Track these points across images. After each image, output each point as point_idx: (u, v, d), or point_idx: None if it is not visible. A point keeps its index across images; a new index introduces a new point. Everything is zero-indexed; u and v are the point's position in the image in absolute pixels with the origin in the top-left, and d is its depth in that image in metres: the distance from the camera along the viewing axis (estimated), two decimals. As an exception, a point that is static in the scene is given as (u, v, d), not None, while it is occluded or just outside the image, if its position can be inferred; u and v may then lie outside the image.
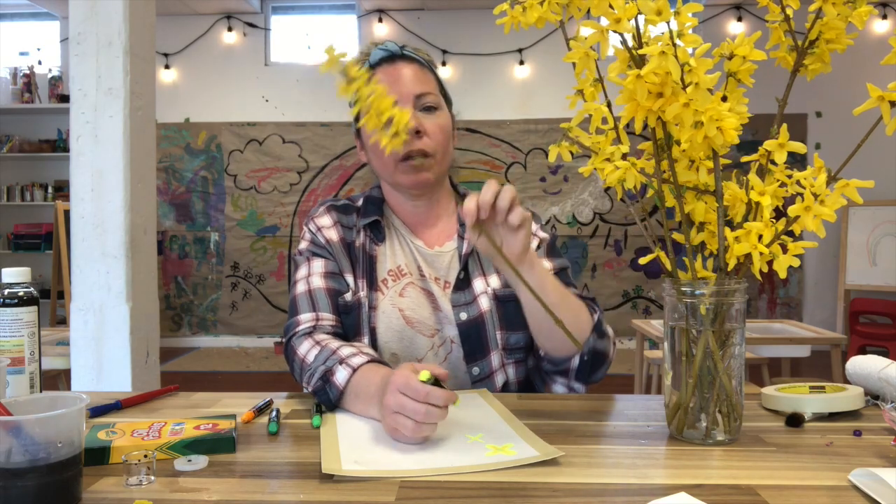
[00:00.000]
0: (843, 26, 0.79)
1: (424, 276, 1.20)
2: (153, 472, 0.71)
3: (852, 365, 1.07)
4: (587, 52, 0.82)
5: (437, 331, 1.17)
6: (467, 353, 1.16)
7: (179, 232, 6.11)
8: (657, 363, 3.33)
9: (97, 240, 2.39)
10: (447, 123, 1.20)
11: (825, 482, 0.70)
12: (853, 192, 0.77)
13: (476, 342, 1.16)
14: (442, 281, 1.20)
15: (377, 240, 1.22)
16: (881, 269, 5.25)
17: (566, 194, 5.96)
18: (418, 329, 1.17)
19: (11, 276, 0.95)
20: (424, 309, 1.18)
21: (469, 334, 1.16)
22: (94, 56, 2.39)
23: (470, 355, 1.16)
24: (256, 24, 6.09)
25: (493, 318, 1.17)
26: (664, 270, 0.87)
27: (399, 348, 1.16)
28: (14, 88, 5.91)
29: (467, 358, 1.16)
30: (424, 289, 1.19)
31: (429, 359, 1.16)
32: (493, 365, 1.16)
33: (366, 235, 1.22)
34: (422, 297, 1.19)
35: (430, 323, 1.17)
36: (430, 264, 1.21)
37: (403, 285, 1.19)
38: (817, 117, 5.80)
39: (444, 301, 1.18)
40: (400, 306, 1.17)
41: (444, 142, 1.18)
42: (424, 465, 0.74)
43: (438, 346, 1.17)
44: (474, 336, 1.16)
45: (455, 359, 1.17)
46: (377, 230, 1.22)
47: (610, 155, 0.83)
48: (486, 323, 1.17)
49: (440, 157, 1.18)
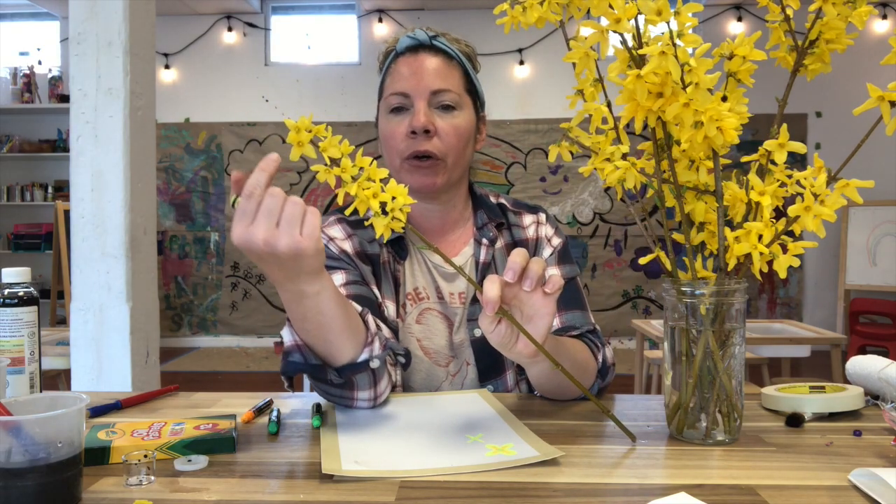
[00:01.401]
0: (843, 26, 0.79)
1: (442, 297, 1.15)
2: (153, 472, 0.71)
3: (852, 365, 1.07)
4: (587, 52, 0.82)
5: (453, 358, 1.13)
6: (482, 371, 1.12)
7: (179, 232, 6.11)
8: (657, 363, 3.33)
9: (97, 240, 2.39)
10: (465, 125, 1.11)
11: (825, 482, 0.70)
12: (853, 192, 0.77)
13: (490, 359, 1.12)
14: (456, 294, 1.15)
15: (400, 258, 1.14)
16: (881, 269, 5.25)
17: (566, 194, 5.96)
18: (434, 360, 1.13)
19: (11, 276, 0.95)
20: (440, 337, 1.13)
21: (484, 351, 1.11)
22: (94, 56, 2.39)
23: (484, 373, 1.12)
24: (256, 24, 6.09)
25: None
26: (664, 270, 0.87)
27: (416, 380, 1.12)
28: (14, 88, 5.91)
29: (482, 376, 1.12)
30: (442, 313, 1.14)
31: (445, 388, 1.13)
32: (508, 383, 1.13)
33: (388, 253, 1.13)
34: (438, 323, 1.14)
35: (445, 352, 1.13)
36: (450, 280, 1.16)
37: (420, 311, 1.14)
38: (817, 117, 5.80)
39: (460, 317, 1.14)
40: (417, 336, 1.13)
41: (457, 145, 1.10)
42: (424, 465, 0.74)
43: (454, 374, 1.14)
44: (489, 353, 1.11)
45: (471, 381, 1.13)
46: (399, 247, 1.14)
47: (610, 155, 0.83)
48: None
49: (452, 162, 1.10)
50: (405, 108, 1.09)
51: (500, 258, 1.17)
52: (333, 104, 5.98)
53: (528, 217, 1.22)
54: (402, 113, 1.10)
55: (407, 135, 1.08)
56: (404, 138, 1.09)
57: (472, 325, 1.12)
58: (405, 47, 1.11)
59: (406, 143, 1.08)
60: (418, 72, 1.08)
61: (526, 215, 1.22)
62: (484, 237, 1.17)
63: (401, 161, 1.10)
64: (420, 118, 1.07)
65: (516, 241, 1.19)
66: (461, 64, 1.13)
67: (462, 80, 1.12)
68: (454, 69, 1.11)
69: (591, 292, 5.89)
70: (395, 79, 1.10)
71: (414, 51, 1.10)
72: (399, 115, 1.10)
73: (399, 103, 1.09)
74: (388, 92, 1.11)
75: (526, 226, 1.21)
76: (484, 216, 1.19)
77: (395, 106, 1.10)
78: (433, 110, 1.09)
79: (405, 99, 1.09)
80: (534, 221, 1.22)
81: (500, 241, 1.18)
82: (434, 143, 1.08)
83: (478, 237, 1.17)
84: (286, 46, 6.20)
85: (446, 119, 1.09)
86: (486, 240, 1.16)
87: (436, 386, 1.13)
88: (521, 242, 1.19)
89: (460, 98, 1.11)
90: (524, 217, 1.22)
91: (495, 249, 1.17)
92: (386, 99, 1.11)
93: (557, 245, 1.19)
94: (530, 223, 1.21)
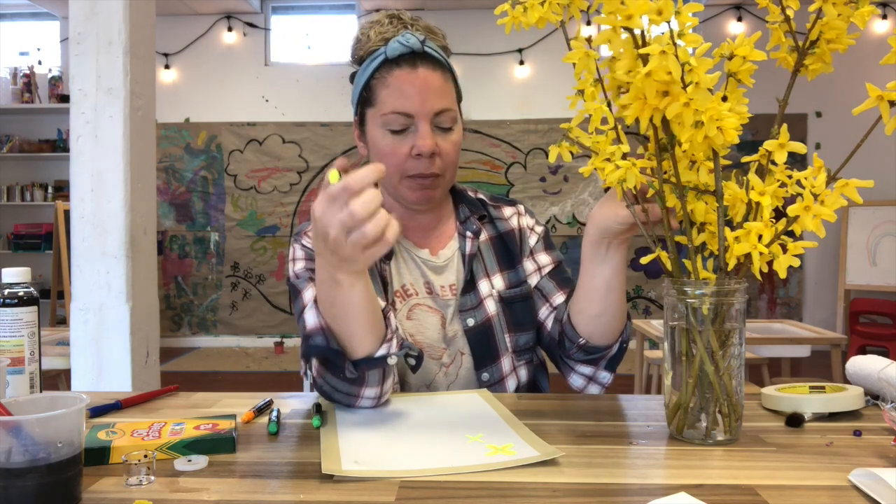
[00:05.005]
0: (844, 26, 0.79)
1: (432, 291, 1.16)
2: (153, 472, 0.71)
3: (852, 365, 1.07)
4: (587, 52, 0.82)
5: (445, 349, 1.14)
6: (477, 359, 1.13)
7: (179, 232, 6.11)
8: (657, 363, 3.33)
9: (97, 240, 2.39)
10: (460, 139, 1.14)
11: (825, 482, 0.70)
12: (853, 192, 0.77)
13: (485, 347, 1.14)
14: (447, 287, 1.17)
15: (385, 258, 1.15)
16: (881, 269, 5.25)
17: (566, 194, 5.96)
18: (428, 353, 1.13)
19: (11, 276, 0.95)
20: (432, 330, 1.14)
21: (478, 340, 1.14)
22: (94, 56, 2.39)
23: (479, 361, 1.14)
24: (256, 24, 6.09)
25: (501, 322, 1.15)
26: (664, 270, 0.87)
27: (410, 373, 1.12)
28: (14, 88, 5.91)
29: (477, 364, 1.13)
30: (431, 307, 1.15)
31: (439, 380, 1.13)
32: (503, 370, 1.14)
33: None
34: (428, 317, 1.15)
35: (438, 344, 1.14)
36: (439, 274, 1.18)
37: (410, 307, 1.15)
38: (817, 117, 5.80)
39: (453, 310, 1.15)
40: (409, 331, 1.14)
41: (455, 160, 1.13)
42: (424, 465, 0.74)
43: (448, 364, 1.14)
44: (483, 342, 1.14)
45: (466, 370, 1.14)
46: None
47: (610, 155, 0.83)
48: (494, 327, 1.15)
49: (449, 176, 1.14)
50: (406, 128, 1.09)
51: (485, 250, 1.21)
52: (333, 104, 5.98)
53: (507, 209, 1.27)
54: (403, 132, 1.09)
55: (410, 155, 1.09)
56: (407, 158, 1.09)
57: (465, 316, 1.14)
58: (398, 55, 1.08)
59: (410, 163, 1.09)
60: (421, 92, 1.07)
61: (505, 207, 1.27)
62: (468, 230, 1.20)
63: (400, 178, 1.11)
64: (427, 142, 1.07)
65: (501, 233, 1.23)
66: (450, 70, 1.13)
67: (454, 91, 1.13)
68: (448, 81, 1.11)
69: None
70: (395, 95, 1.08)
71: (410, 62, 1.07)
72: (399, 135, 1.09)
73: (402, 125, 1.08)
74: (387, 108, 1.08)
75: (507, 217, 1.25)
76: (466, 210, 1.22)
77: (397, 128, 1.09)
78: (434, 130, 1.09)
79: (407, 119, 1.08)
80: (514, 213, 1.26)
81: (484, 234, 1.22)
82: (437, 163, 1.10)
83: (461, 230, 1.20)
84: (286, 46, 6.20)
85: (447, 138, 1.11)
86: (471, 232, 1.20)
87: (430, 378, 1.13)
88: (507, 234, 1.23)
89: (456, 113, 1.12)
90: (504, 209, 1.26)
91: (480, 241, 1.20)
92: (384, 116, 1.08)
93: (541, 232, 1.25)
94: (511, 214, 1.26)
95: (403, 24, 1.12)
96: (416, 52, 1.08)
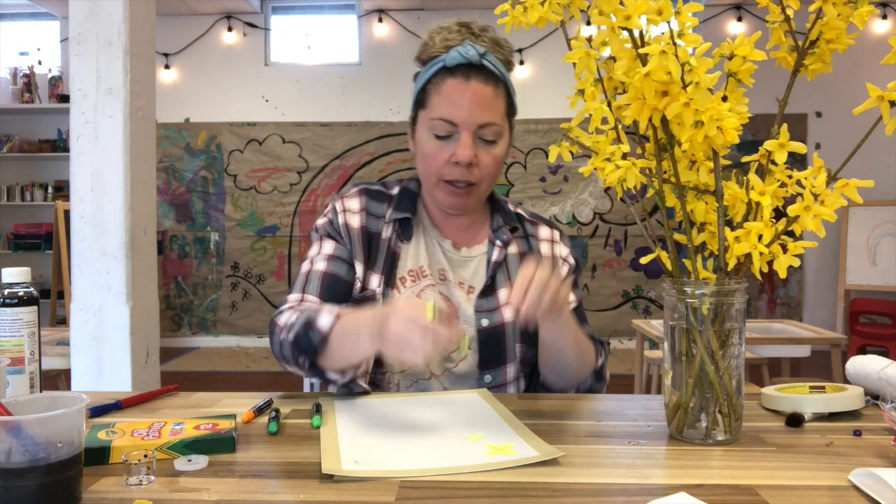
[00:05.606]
0: (843, 26, 0.79)
1: (447, 279, 1.18)
2: (153, 472, 0.71)
3: (852, 365, 1.07)
4: (587, 52, 0.82)
5: None
6: (483, 359, 1.13)
7: (179, 232, 6.11)
8: (657, 363, 3.33)
9: (97, 240, 2.39)
10: (503, 153, 1.15)
11: (825, 482, 0.70)
12: (853, 192, 0.77)
13: (494, 350, 1.14)
14: (466, 286, 1.18)
15: (404, 237, 1.19)
16: (881, 269, 5.25)
17: (566, 194, 5.96)
18: None
19: (11, 276, 0.95)
20: None
21: (488, 341, 1.14)
22: (94, 56, 2.39)
23: (485, 362, 1.14)
24: (256, 24, 6.09)
25: (515, 331, 1.15)
26: (664, 270, 0.87)
27: None
28: (14, 88, 5.91)
29: (482, 364, 1.14)
30: (444, 293, 1.17)
31: (440, 364, 1.14)
32: (507, 376, 1.15)
33: (393, 230, 1.19)
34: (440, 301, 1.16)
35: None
36: (457, 267, 1.20)
37: (422, 287, 1.16)
38: (817, 117, 5.80)
39: (467, 306, 1.16)
40: None
41: (494, 172, 1.15)
42: (424, 465, 0.74)
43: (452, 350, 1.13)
44: (492, 344, 1.14)
45: (468, 365, 1.14)
46: (406, 228, 1.19)
47: (610, 155, 0.83)
48: (507, 333, 1.15)
49: (486, 186, 1.17)
50: (450, 135, 1.13)
51: (512, 262, 1.21)
52: (333, 104, 5.98)
53: (544, 229, 1.28)
54: (447, 139, 1.13)
55: (449, 161, 1.13)
56: (445, 163, 1.13)
57: (479, 316, 1.15)
58: (456, 64, 1.10)
59: (447, 168, 1.13)
60: (469, 103, 1.10)
61: (542, 227, 1.28)
62: (498, 239, 1.22)
63: (437, 181, 1.15)
64: (466, 152, 1.10)
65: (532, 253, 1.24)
66: (505, 85, 1.14)
67: (504, 106, 1.14)
68: (500, 96, 1.13)
69: (591, 292, 5.89)
70: (444, 103, 1.11)
71: (465, 73, 1.10)
72: (443, 141, 1.13)
73: (446, 132, 1.12)
74: (435, 114, 1.12)
75: (542, 238, 1.26)
76: (500, 220, 1.24)
77: (441, 134, 1.13)
78: (476, 140, 1.12)
79: (452, 127, 1.12)
80: (549, 238, 1.27)
81: (514, 247, 1.23)
82: (474, 173, 1.13)
83: (492, 238, 1.22)
84: (286, 46, 6.20)
85: (489, 151, 1.13)
86: (500, 241, 1.22)
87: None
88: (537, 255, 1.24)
89: (502, 128, 1.14)
90: (540, 228, 1.28)
91: (508, 252, 1.22)
92: (432, 121, 1.13)
93: (572, 265, 1.26)
94: (546, 237, 1.27)
95: (471, 33, 1.14)
96: (474, 63, 1.10)
